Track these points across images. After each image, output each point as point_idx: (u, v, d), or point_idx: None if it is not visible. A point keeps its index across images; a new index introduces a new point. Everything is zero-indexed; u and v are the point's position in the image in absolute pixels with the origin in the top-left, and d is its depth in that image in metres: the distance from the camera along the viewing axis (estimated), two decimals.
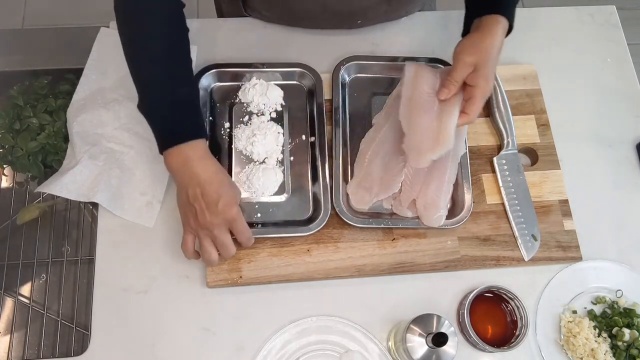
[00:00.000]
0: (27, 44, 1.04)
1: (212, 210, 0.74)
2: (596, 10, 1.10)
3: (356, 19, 0.99)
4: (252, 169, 0.88)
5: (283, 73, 0.95)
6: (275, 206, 0.87)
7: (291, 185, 0.89)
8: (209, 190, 0.74)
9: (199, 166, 0.75)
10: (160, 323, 0.82)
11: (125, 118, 0.92)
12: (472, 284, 0.86)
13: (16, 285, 0.99)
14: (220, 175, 0.77)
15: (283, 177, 0.89)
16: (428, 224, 0.85)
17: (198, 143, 0.76)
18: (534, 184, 0.92)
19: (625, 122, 1.01)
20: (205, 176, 0.75)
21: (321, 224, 0.84)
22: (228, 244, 0.76)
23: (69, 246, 1.03)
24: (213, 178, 0.75)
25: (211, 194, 0.74)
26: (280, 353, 0.80)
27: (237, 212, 0.76)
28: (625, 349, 0.83)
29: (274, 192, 0.88)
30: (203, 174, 0.75)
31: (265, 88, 0.93)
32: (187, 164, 0.75)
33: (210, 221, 0.74)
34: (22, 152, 0.91)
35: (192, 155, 0.75)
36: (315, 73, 0.95)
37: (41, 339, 0.95)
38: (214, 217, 0.74)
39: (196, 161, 0.75)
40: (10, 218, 1.03)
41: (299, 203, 0.88)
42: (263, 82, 0.93)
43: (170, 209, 0.88)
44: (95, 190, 0.85)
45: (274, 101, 0.93)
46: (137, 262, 0.85)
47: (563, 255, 0.88)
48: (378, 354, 0.81)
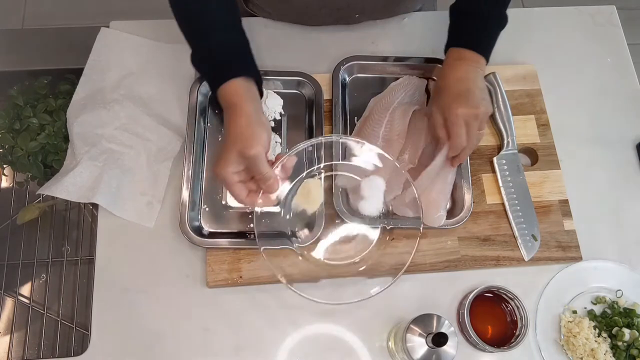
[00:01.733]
0: (27, 44, 1.04)
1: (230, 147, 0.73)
2: (596, 10, 1.10)
3: (354, 13, 0.99)
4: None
5: (283, 81, 0.94)
6: (268, 217, 0.85)
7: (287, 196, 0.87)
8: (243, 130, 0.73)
9: (234, 112, 0.75)
10: (160, 323, 0.82)
11: (125, 118, 0.92)
12: (472, 284, 0.86)
13: (16, 285, 1.00)
14: (246, 123, 0.74)
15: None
16: (429, 223, 0.85)
17: (232, 85, 0.75)
18: (534, 184, 0.92)
19: (625, 122, 1.01)
20: (234, 125, 0.74)
21: (313, 238, 0.83)
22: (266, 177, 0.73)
23: (69, 246, 1.03)
24: (238, 128, 0.74)
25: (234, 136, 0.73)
26: None
27: (257, 152, 0.72)
28: (625, 349, 0.83)
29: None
30: (234, 123, 0.74)
31: (265, 96, 0.91)
32: (227, 108, 0.75)
33: (227, 157, 0.72)
34: (22, 152, 0.91)
35: (229, 95, 0.75)
36: (316, 82, 0.94)
37: (41, 339, 0.95)
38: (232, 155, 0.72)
39: (232, 107, 0.75)
40: (10, 218, 1.03)
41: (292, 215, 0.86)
42: (263, 90, 0.92)
43: (170, 209, 0.88)
44: (95, 191, 0.85)
45: (273, 109, 0.92)
46: (137, 262, 0.85)
47: (563, 255, 0.88)
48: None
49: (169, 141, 0.92)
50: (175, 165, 0.91)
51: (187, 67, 0.94)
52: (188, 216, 0.83)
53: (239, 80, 0.76)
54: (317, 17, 1.00)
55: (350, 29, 1.03)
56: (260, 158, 0.72)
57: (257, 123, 0.74)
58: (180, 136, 0.92)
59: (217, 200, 0.87)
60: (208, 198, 0.87)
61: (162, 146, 0.91)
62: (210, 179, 0.88)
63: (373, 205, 0.84)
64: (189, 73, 0.94)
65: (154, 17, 1.01)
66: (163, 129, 0.92)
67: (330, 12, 0.98)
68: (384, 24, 1.04)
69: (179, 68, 0.95)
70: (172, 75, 0.96)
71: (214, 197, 0.87)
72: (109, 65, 0.96)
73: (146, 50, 0.98)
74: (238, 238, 0.84)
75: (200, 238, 0.83)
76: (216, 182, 0.88)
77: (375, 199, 0.83)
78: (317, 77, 0.95)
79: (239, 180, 0.75)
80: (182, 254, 0.85)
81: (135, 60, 0.98)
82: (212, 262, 0.84)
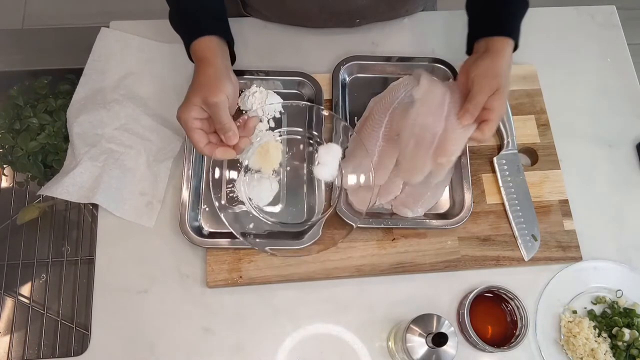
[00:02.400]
0: (27, 44, 1.04)
1: (194, 91, 0.74)
2: (596, 10, 1.10)
3: (355, 18, 0.99)
4: (247, 178, 0.87)
5: (283, 81, 0.94)
6: (269, 216, 0.86)
7: (286, 195, 0.87)
8: (197, 77, 0.76)
9: (203, 64, 0.77)
10: (160, 323, 0.82)
11: (125, 118, 0.92)
12: (472, 284, 0.86)
13: (16, 285, 1.00)
14: (213, 73, 0.76)
15: (278, 188, 0.87)
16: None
17: (205, 40, 0.78)
18: (534, 184, 0.92)
19: (625, 122, 1.01)
20: (202, 74, 0.76)
21: (313, 239, 0.83)
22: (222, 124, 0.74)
23: (69, 246, 1.03)
24: (205, 77, 0.76)
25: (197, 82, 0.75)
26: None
27: (219, 100, 0.73)
28: (625, 349, 0.83)
29: (269, 202, 0.86)
30: (202, 73, 0.76)
31: (265, 96, 0.91)
32: (198, 61, 0.78)
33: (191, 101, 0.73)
34: (22, 152, 0.91)
35: (201, 50, 0.78)
36: (316, 82, 0.94)
37: (41, 339, 0.95)
38: (195, 98, 0.74)
39: (203, 60, 0.77)
40: (10, 218, 1.03)
41: (293, 214, 0.86)
42: (263, 90, 0.92)
43: (170, 209, 0.88)
44: (95, 191, 0.85)
45: (273, 109, 0.92)
46: (137, 262, 0.85)
47: (563, 255, 0.88)
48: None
49: (169, 141, 0.92)
50: (175, 165, 0.91)
51: (187, 67, 0.95)
52: (188, 216, 0.84)
53: (212, 37, 0.79)
54: (317, 21, 1.00)
55: (350, 29, 1.03)
56: (222, 107, 0.73)
57: (225, 76, 0.76)
58: (181, 136, 0.92)
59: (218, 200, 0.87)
60: (208, 198, 0.87)
61: (162, 146, 0.91)
62: (210, 179, 0.88)
63: (328, 172, 0.86)
64: (189, 73, 0.94)
65: (154, 17, 1.01)
66: (163, 129, 0.92)
67: (330, 17, 0.98)
68: (384, 25, 1.04)
69: (179, 68, 0.95)
70: (172, 75, 0.96)
71: (214, 197, 0.87)
72: (109, 65, 0.96)
73: (146, 50, 0.98)
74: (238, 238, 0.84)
75: (201, 238, 0.83)
76: (216, 182, 0.87)
77: (330, 165, 0.86)
78: (317, 77, 0.95)
79: (200, 127, 0.75)
80: (182, 254, 0.85)
81: (135, 60, 0.98)
82: (212, 262, 0.84)
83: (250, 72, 0.94)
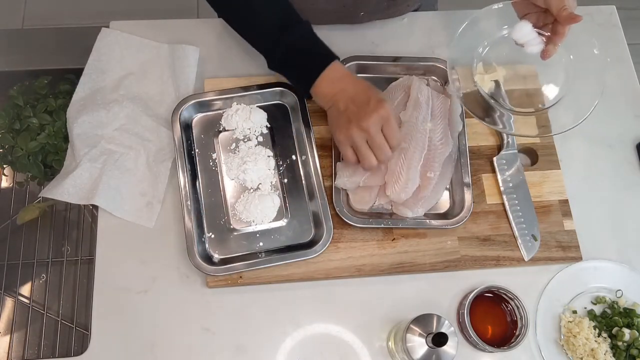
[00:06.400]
0: (27, 44, 1.04)
1: (364, 110, 0.78)
2: (596, 10, 1.10)
3: (359, 11, 0.99)
4: (247, 198, 0.85)
5: (264, 94, 0.92)
6: (276, 232, 0.85)
7: (289, 208, 0.87)
8: (358, 94, 0.80)
9: (343, 82, 0.81)
10: (160, 323, 0.82)
11: (125, 119, 0.92)
12: (472, 284, 0.86)
13: (16, 285, 1.00)
14: (365, 83, 0.82)
15: (280, 202, 0.87)
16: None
17: (334, 65, 0.82)
18: (534, 184, 0.92)
19: (625, 122, 1.01)
20: (352, 86, 0.81)
21: (325, 245, 0.82)
22: (383, 144, 0.79)
23: (69, 246, 1.03)
24: (359, 86, 0.81)
25: (361, 97, 0.79)
26: None
27: (389, 110, 0.79)
28: (625, 349, 0.83)
29: (273, 217, 0.85)
30: (349, 86, 0.81)
31: (248, 112, 0.90)
32: (333, 84, 0.81)
33: (364, 121, 0.77)
34: (22, 152, 0.92)
35: (333, 76, 0.82)
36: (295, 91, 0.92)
37: (41, 339, 0.95)
38: (366, 116, 0.77)
39: (339, 80, 0.81)
40: (10, 218, 1.03)
41: (300, 225, 0.86)
42: (245, 107, 0.90)
43: (170, 209, 0.88)
44: (95, 192, 0.85)
45: (259, 124, 0.90)
46: (137, 262, 0.85)
47: (563, 255, 0.88)
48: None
49: (169, 141, 0.92)
50: (175, 166, 0.91)
51: (187, 67, 0.95)
52: (196, 248, 0.82)
53: (336, 62, 0.83)
54: (322, 15, 0.99)
55: (350, 29, 1.03)
56: (394, 117, 0.79)
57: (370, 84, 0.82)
58: None
59: (222, 225, 0.85)
60: (212, 225, 0.85)
61: (162, 146, 0.91)
62: (210, 204, 0.86)
63: (536, 44, 0.85)
64: (189, 73, 0.94)
65: (154, 17, 1.01)
66: (163, 129, 0.92)
67: (335, 8, 0.97)
68: (384, 24, 1.04)
69: (179, 68, 0.95)
70: (172, 75, 0.96)
71: (217, 223, 0.85)
72: (109, 65, 0.96)
73: (146, 50, 0.98)
74: (251, 259, 0.82)
75: (213, 267, 0.81)
76: (217, 207, 0.86)
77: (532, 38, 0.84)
78: None
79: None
80: (182, 254, 0.85)
81: (135, 60, 0.97)
82: None
83: (228, 91, 0.91)
